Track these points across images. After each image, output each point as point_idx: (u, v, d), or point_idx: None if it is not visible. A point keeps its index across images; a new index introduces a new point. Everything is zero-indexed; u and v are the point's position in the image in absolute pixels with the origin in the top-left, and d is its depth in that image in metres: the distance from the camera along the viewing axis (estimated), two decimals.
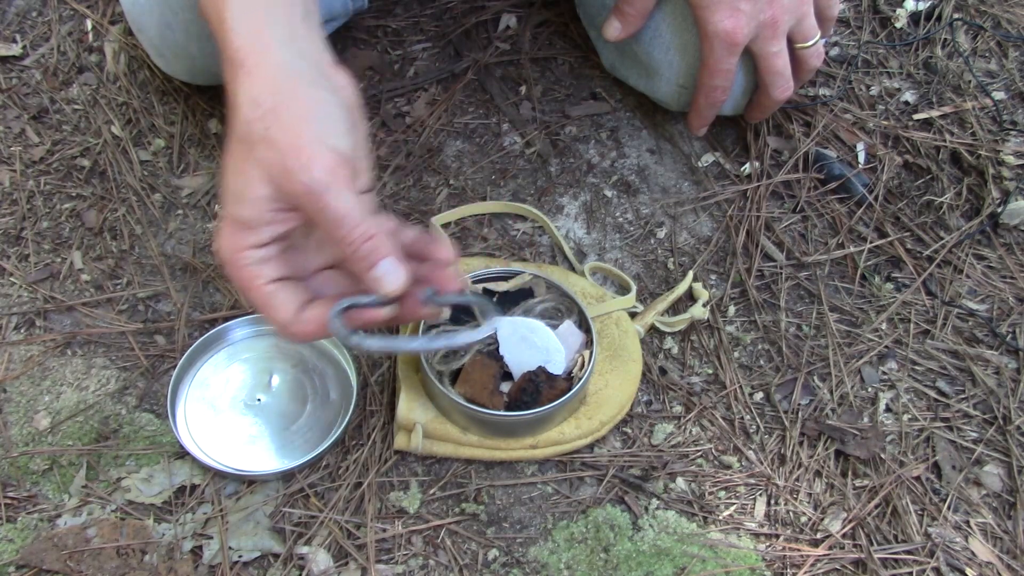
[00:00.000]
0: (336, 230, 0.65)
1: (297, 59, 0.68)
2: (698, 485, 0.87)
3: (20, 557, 0.81)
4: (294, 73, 0.67)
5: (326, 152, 0.65)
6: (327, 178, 0.64)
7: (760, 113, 1.04)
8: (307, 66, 0.68)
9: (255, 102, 0.66)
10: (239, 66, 0.67)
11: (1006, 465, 0.89)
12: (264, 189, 0.65)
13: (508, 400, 0.85)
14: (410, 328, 0.89)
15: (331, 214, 0.65)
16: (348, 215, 0.65)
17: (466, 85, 1.14)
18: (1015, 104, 1.15)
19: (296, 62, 0.68)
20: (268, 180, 0.65)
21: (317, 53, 0.70)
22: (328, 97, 0.67)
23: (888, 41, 1.20)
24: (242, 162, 0.66)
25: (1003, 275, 1.02)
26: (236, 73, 0.67)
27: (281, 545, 0.82)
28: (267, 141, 0.65)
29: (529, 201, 1.05)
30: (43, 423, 0.89)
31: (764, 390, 0.94)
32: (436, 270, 0.71)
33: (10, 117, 1.11)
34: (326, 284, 0.72)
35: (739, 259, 1.01)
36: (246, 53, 0.67)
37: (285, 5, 0.69)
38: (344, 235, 0.66)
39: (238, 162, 0.66)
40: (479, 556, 0.83)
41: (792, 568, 0.82)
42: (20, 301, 0.97)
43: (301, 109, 0.66)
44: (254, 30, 0.68)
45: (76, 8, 1.20)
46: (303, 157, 0.64)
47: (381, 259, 0.67)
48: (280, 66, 0.67)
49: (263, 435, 0.88)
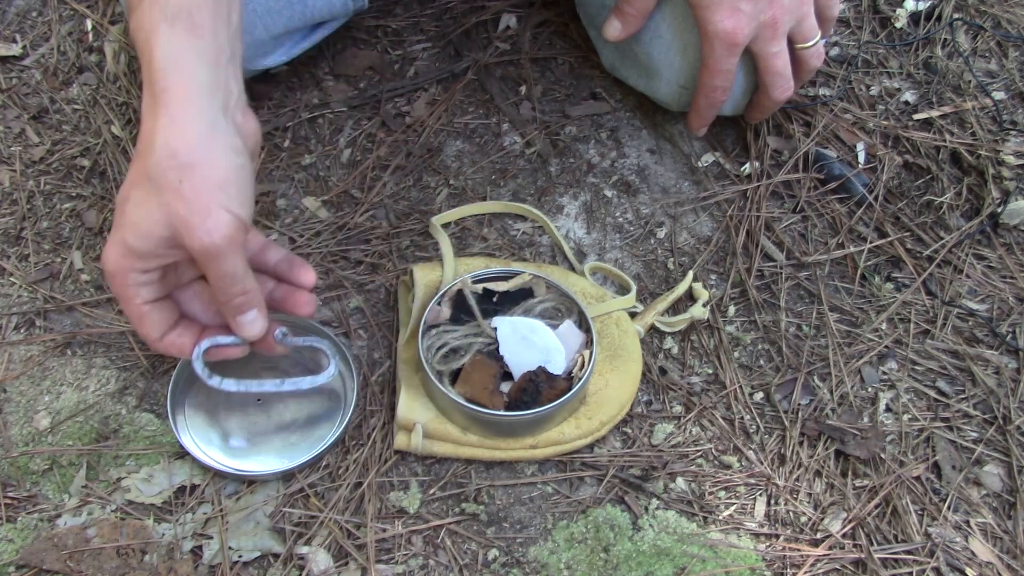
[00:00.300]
0: (219, 284, 0.73)
1: (219, 113, 0.72)
2: (698, 485, 0.87)
3: (20, 557, 0.81)
4: (215, 131, 0.71)
5: (230, 220, 0.70)
6: (225, 244, 0.70)
7: (760, 113, 1.04)
8: (225, 122, 0.72)
9: (173, 152, 0.69)
10: (161, 105, 0.70)
11: (1006, 465, 0.89)
12: (162, 231, 0.70)
13: (508, 400, 0.85)
14: (409, 332, 0.89)
15: (220, 272, 0.72)
16: (233, 275, 0.73)
17: (466, 85, 1.14)
18: (1015, 104, 1.15)
19: (218, 118, 0.71)
20: (168, 225, 0.70)
21: (235, 101, 0.74)
22: (242, 163, 0.72)
23: (888, 41, 1.20)
24: (146, 199, 0.70)
25: (1003, 275, 1.02)
26: (157, 110, 0.70)
27: (281, 545, 0.82)
28: (177, 193, 0.69)
29: (529, 201, 1.05)
30: (43, 423, 0.89)
31: (764, 390, 0.94)
32: (293, 294, 0.81)
33: (10, 117, 1.11)
34: (194, 299, 0.79)
35: (739, 259, 1.01)
36: (170, 95, 0.70)
37: (213, 49, 0.72)
38: (225, 289, 0.74)
39: (143, 196, 0.71)
40: (479, 556, 0.83)
41: (792, 568, 0.82)
42: (20, 301, 0.97)
43: (216, 176, 0.70)
44: (181, 70, 0.71)
45: (76, 8, 1.20)
46: (208, 222, 0.69)
47: (249, 310, 0.76)
48: (202, 119, 0.71)
49: (263, 435, 0.87)
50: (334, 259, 1.00)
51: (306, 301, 0.81)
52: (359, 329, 0.96)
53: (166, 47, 0.70)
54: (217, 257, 0.71)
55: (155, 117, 0.70)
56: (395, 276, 0.99)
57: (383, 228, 1.02)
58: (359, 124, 1.11)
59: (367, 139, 1.09)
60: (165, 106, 0.70)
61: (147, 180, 0.70)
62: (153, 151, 0.70)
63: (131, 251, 0.72)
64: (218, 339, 0.80)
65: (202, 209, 0.69)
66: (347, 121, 1.11)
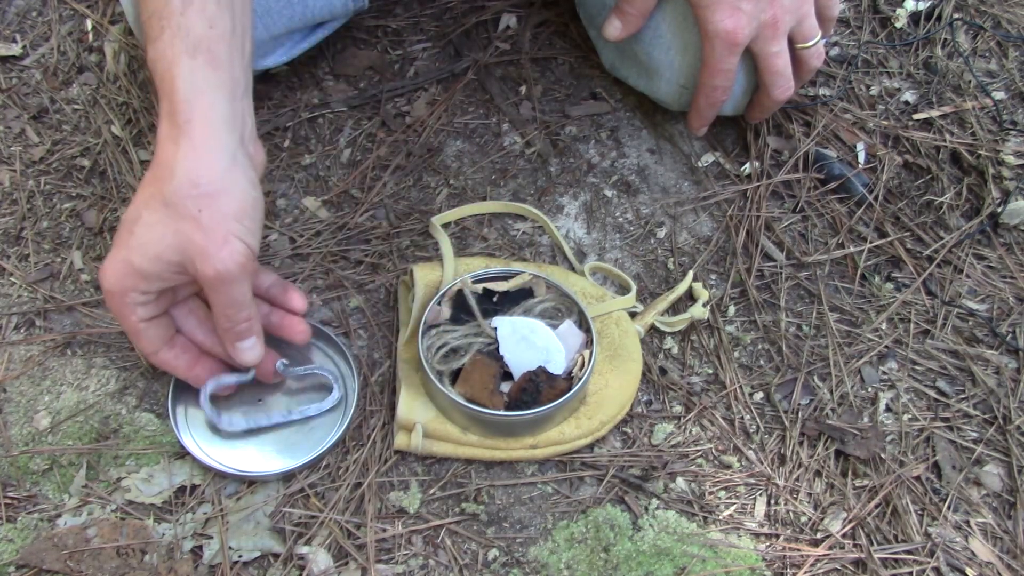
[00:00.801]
0: (225, 311, 0.76)
1: (238, 146, 0.75)
2: (698, 485, 0.87)
3: (20, 557, 0.81)
4: (235, 164, 0.74)
5: (244, 249, 0.73)
6: (237, 272, 0.73)
7: (760, 113, 1.04)
8: (243, 155, 0.75)
9: (195, 182, 0.72)
10: (184, 135, 0.72)
11: (1006, 465, 0.89)
12: (172, 256, 0.73)
13: (508, 400, 0.85)
14: (409, 331, 0.90)
15: (227, 300, 0.75)
16: (240, 303, 0.76)
17: (466, 85, 1.14)
18: (1015, 104, 1.15)
19: (237, 151, 0.74)
20: (181, 251, 0.73)
21: (249, 133, 0.77)
22: (257, 196, 0.75)
23: (888, 41, 1.20)
24: (160, 223, 0.73)
25: (1003, 275, 1.02)
26: (179, 140, 0.73)
27: (281, 545, 0.82)
28: (195, 222, 0.72)
29: (529, 201, 1.05)
30: (43, 423, 0.89)
31: (764, 390, 0.94)
32: (288, 320, 0.84)
33: (10, 117, 1.11)
34: (189, 316, 0.82)
35: (739, 259, 1.01)
36: (193, 127, 0.73)
37: (231, 82, 0.75)
38: (230, 316, 0.76)
39: (156, 220, 0.73)
40: (479, 556, 0.83)
41: (792, 568, 0.82)
42: (20, 301, 0.97)
43: (234, 207, 0.73)
44: (203, 103, 0.73)
45: (76, 8, 1.20)
46: (223, 251, 0.72)
47: (249, 337, 0.79)
48: (223, 151, 0.73)
49: (263, 435, 0.87)
50: (334, 259, 1.00)
51: (301, 330, 0.85)
52: (359, 329, 0.96)
53: (188, 79, 0.73)
54: (228, 284, 0.74)
55: (176, 146, 0.73)
56: (395, 276, 0.99)
57: (383, 228, 1.02)
58: (359, 124, 1.11)
59: (367, 139, 1.09)
60: (188, 136, 0.72)
61: (163, 205, 0.73)
62: (173, 179, 0.72)
63: (136, 272, 0.74)
64: (222, 379, 0.84)
65: (218, 239, 0.72)
66: (347, 121, 1.11)
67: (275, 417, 0.87)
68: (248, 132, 0.77)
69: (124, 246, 0.74)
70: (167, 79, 0.73)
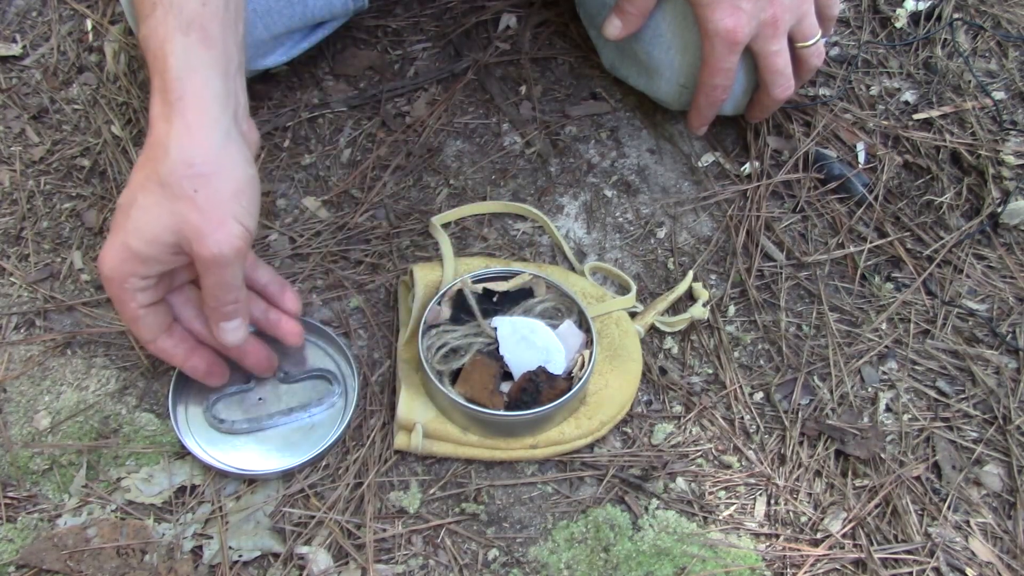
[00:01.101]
0: (215, 291, 0.75)
1: (231, 124, 0.74)
2: (698, 485, 0.87)
3: (20, 557, 0.81)
4: (229, 142, 0.73)
5: (240, 230, 0.72)
6: (232, 254, 0.72)
7: (761, 113, 1.04)
8: (237, 133, 0.74)
9: (189, 162, 0.71)
10: (177, 113, 0.71)
11: (1006, 465, 0.89)
12: (169, 237, 0.72)
13: (508, 400, 0.85)
14: (409, 331, 0.89)
15: (219, 280, 0.74)
16: (231, 284, 0.75)
17: (466, 85, 1.14)
18: (1015, 104, 1.15)
19: (231, 128, 0.73)
20: (177, 232, 0.72)
21: (242, 110, 0.76)
22: (252, 175, 0.74)
23: (888, 41, 1.20)
24: (156, 205, 0.72)
25: (1003, 275, 1.02)
26: (172, 118, 0.71)
27: (281, 545, 0.82)
28: (191, 202, 0.71)
29: (529, 201, 1.05)
30: (43, 423, 0.89)
31: (764, 390, 0.94)
32: (284, 320, 0.84)
33: (10, 117, 1.11)
34: (187, 304, 0.81)
35: (739, 259, 1.01)
36: (186, 104, 0.71)
37: (224, 59, 0.74)
38: (220, 296, 0.75)
39: (151, 202, 0.72)
40: (479, 556, 0.83)
41: (792, 568, 0.82)
42: (20, 301, 0.97)
43: (231, 186, 0.72)
44: (196, 80, 0.72)
45: (76, 8, 1.20)
46: (220, 232, 0.71)
47: (235, 318, 0.78)
48: (217, 129, 0.72)
49: (263, 435, 0.87)
50: (334, 259, 1.00)
51: (293, 331, 0.85)
52: (359, 329, 0.96)
53: (181, 56, 0.72)
54: (222, 266, 0.73)
55: (169, 125, 0.71)
56: (395, 276, 0.99)
57: (383, 228, 1.02)
58: (359, 124, 1.11)
59: (367, 139, 1.09)
60: (181, 114, 0.71)
61: (158, 186, 0.72)
62: (168, 158, 0.71)
63: (134, 255, 0.73)
64: (226, 391, 0.87)
65: (215, 219, 0.71)
66: (347, 121, 1.11)
67: (275, 417, 0.87)
68: (241, 110, 0.76)
69: (121, 230, 0.73)
70: (159, 56, 0.72)
